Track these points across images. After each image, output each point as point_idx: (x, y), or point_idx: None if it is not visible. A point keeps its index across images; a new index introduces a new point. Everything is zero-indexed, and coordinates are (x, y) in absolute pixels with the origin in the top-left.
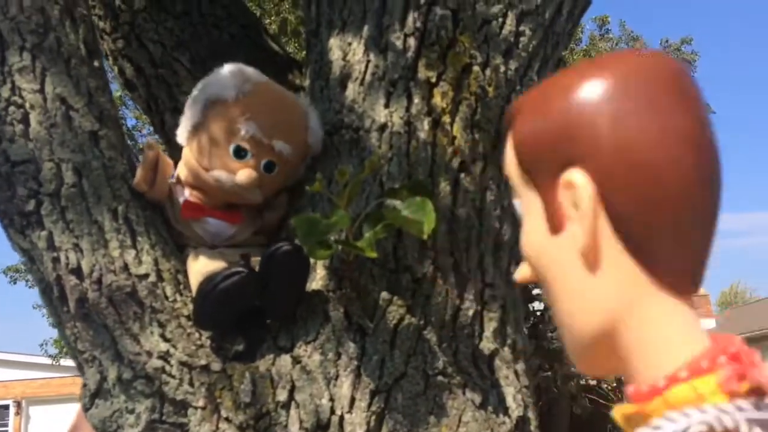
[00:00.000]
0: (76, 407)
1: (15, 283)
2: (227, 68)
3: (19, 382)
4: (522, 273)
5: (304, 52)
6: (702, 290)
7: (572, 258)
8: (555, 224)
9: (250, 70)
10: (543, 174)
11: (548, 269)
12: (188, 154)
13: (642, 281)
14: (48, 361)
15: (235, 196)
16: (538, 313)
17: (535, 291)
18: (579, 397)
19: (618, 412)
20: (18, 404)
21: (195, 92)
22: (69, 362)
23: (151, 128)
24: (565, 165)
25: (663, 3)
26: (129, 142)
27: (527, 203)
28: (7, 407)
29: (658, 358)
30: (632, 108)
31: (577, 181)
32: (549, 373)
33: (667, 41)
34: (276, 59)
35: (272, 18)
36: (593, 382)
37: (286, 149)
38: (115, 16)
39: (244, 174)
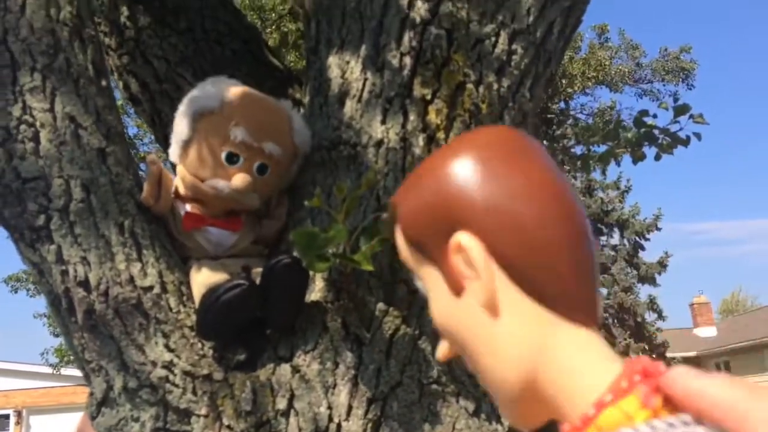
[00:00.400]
0: (76, 416)
1: (16, 292)
2: (208, 81)
3: (19, 391)
4: (442, 351)
5: (305, 61)
6: (703, 298)
7: (479, 314)
8: (455, 287)
9: (230, 81)
10: (433, 246)
11: (460, 332)
12: (182, 170)
13: (547, 319)
14: (49, 370)
15: (233, 202)
16: None
17: None
18: None
19: None
20: (18, 413)
21: (181, 108)
22: (70, 371)
23: (153, 137)
24: (450, 232)
25: (662, 11)
26: (131, 150)
27: (427, 279)
28: (7, 417)
29: (581, 389)
30: (493, 172)
31: (464, 241)
32: None
33: (666, 50)
34: (276, 74)
35: (272, 29)
36: None
37: (276, 150)
38: (120, 32)
39: (239, 179)
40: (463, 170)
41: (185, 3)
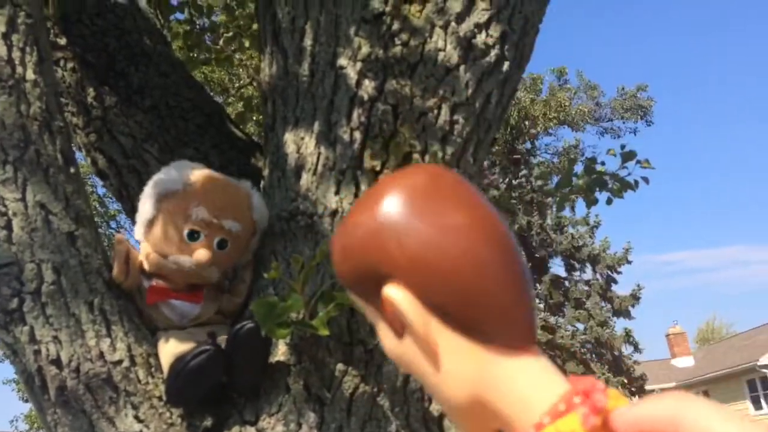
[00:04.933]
0: None
1: None
2: (172, 165)
3: None
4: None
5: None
6: (679, 328)
7: (420, 355)
8: (396, 331)
9: (193, 165)
10: (368, 292)
11: (408, 366)
12: (146, 247)
13: (485, 354)
14: None
15: (194, 276)
16: None
17: None
18: None
19: None
20: None
21: (146, 190)
22: None
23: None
24: (380, 282)
25: (619, 52)
26: (100, 208)
27: (371, 317)
28: None
29: (525, 416)
30: (413, 222)
31: (394, 296)
32: None
33: (623, 89)
34: (239, 144)
35: (238, 105)
36: None
37: (235, 226)
38: (87, 112)
39: (200, 254)
40: (387, 218)
41: (150, 82)
